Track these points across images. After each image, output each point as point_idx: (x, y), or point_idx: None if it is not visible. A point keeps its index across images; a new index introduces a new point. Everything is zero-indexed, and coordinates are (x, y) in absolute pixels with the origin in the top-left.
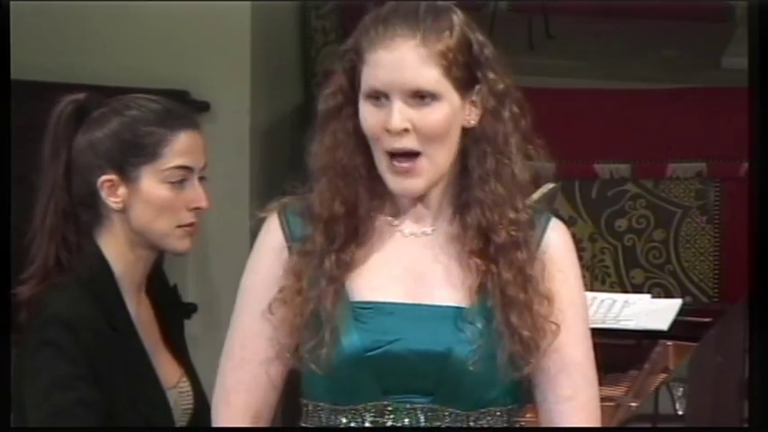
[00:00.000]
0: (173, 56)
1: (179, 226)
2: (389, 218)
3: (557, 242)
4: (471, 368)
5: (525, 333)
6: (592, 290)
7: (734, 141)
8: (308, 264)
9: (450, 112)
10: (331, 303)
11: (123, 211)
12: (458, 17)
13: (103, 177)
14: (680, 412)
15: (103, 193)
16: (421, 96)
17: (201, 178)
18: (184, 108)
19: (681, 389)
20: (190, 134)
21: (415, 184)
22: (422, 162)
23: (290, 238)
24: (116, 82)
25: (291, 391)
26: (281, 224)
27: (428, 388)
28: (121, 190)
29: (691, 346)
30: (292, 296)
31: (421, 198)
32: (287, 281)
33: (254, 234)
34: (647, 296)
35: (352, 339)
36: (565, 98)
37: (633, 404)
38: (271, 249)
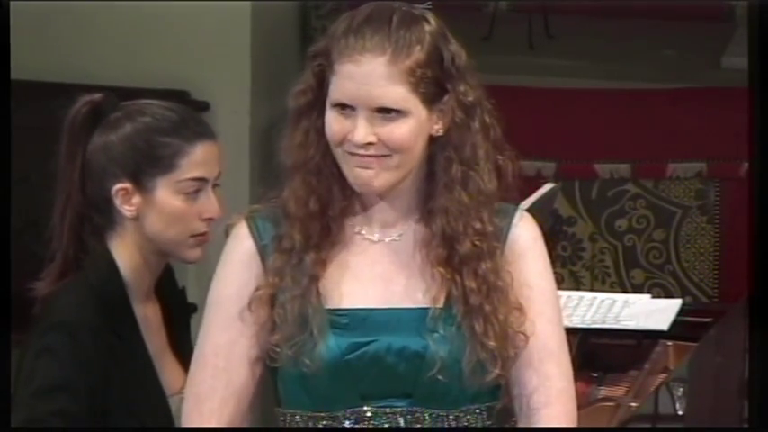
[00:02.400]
0: (173, 56)
1: (192, 236)
2: (358, 226)
3: (522, 237)
4: (447, 366)
5: (490, 343)
6: (592, 290)
7: (734, 141)
8: (288, 262)
9: (417, 125)
10: (316, 300)
11: (136, 219)
12: (431, 27)
13: (118, 186)
14: (680, 412)
15: (117, 201)
16: (387, 111)
17: (215, 185)
18: (200, 117)
19: (681, 389)
20: (206, 145)
21: (372, 176)
22: (384, 162)
23: (260, 244)
24: (116, 82)
25: None
26: (251, 231)
27: (406, 389)
28: (136, 199)
29: (691, 346)
30: (273, 294)
31: (388, 202)
32: (267, 279)
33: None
34: (647, 296)
35: (329, 344)
36: (565, 98)
37: (633, 404)
38: (241, 257)
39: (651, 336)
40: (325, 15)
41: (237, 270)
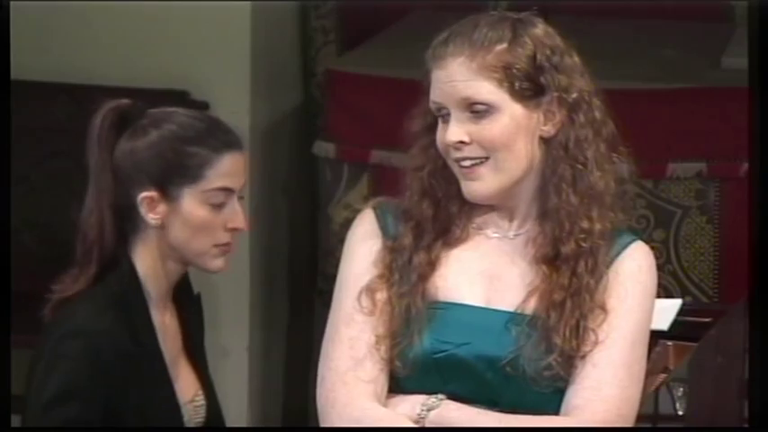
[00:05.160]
0: (173, 56)
1: (215, 245)
2: (477, 224)
3: (630, 262)
4: (532, 382)
5: (559, 341)
6: None
7: (734, 141)
8: (398, 258)
9: (511, 122)
10: (421, 300)
11: (161, 227)
12: (523, 25)
13: (144, 194)
14: (680, 412)
15: (143, 209)
16: (477, 109)
17: (240, 197)
18: (229, 127)
19: (681, 389)
20: (233, 156)
21: (480, 186)
22: (485, 166)
23: (384, 227)
24: (116, 82)
25: (292, 392)
26: (376, 216)
27: (493, 397)
28: (161, 207)
29: (691, 346)
30: (382, 286)
31: (505, 207)
32: (378, 270)
33: (253, 234)
34: None
35: (422, 340)
36: None
37: None
38: (365, 237)
39: (651, 336)
40: (325, 15)
41: (362, 248)
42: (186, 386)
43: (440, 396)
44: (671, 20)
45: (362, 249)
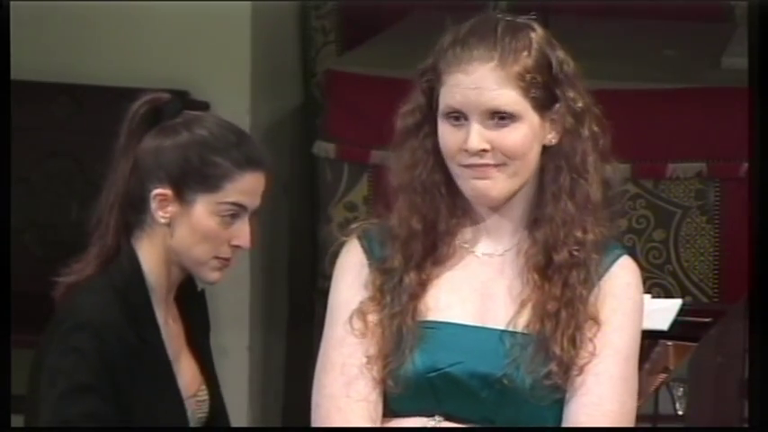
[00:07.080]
0: (173, 56)
1: (216, 257)
2: (467, 242)
3: (620, 278)
4: (530, 395)
5: (557, 350)
6: None
7: (734, 141)
8: (389, 280)
9: (530, 131)
10: (412, 320)
11: (168, 226)
12: (537, 35)
13: (158, 190)
14: (680, 412)
15: (153, 205)
16: (500, 117)
17: (254, 214)
18: (257, 146)
19: (681, 389)
20: (255, 175)
21: (490, 186)
22: (499, 170)
23: (370, 255)
24: (116, 82)
25: (292, 392)
26: (362, 244)
27: (488, 415)
28: (172, 207)
29: (691, 346)
30: (374, 308)
31: (499, 216)
32: (368, 293)
33: (253, 234)
34: (648, 296)
35: (414, 359)
36: None
37: None
38: (352, 266)
39: (651, 336)
40: (325, 15)
41: (349, 277)
42: (189, 381)
43: (437, 418)
44: (671, 20)
45: (350, 278)
